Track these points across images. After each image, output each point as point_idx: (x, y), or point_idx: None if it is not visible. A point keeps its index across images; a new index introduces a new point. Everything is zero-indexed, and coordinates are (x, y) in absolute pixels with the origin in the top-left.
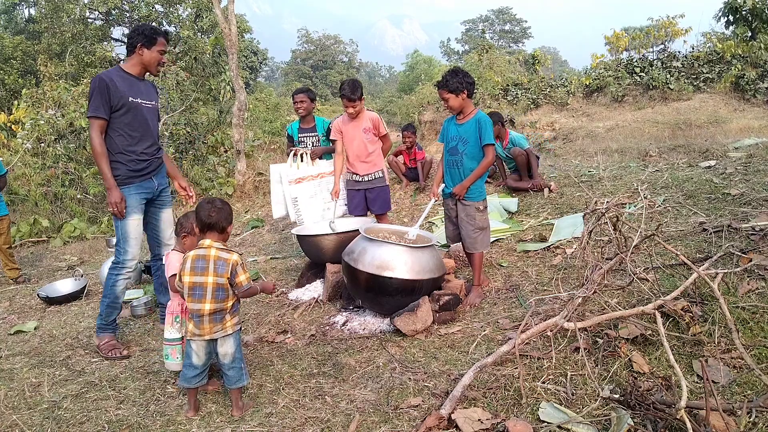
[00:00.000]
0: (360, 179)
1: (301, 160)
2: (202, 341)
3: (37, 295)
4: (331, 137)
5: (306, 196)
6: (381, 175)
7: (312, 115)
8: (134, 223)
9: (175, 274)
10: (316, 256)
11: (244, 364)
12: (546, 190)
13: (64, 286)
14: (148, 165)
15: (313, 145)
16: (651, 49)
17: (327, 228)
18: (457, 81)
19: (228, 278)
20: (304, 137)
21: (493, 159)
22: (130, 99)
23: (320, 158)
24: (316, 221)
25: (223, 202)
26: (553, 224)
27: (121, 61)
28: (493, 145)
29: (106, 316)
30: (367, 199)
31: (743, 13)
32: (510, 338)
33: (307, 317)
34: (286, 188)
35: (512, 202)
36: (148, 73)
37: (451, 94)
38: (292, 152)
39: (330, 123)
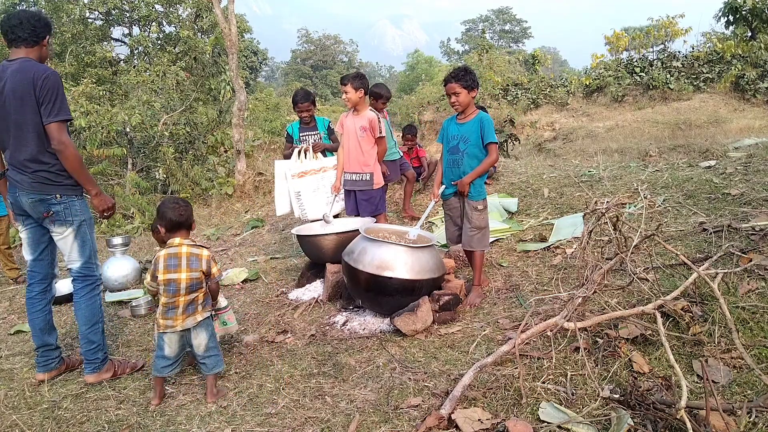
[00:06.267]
0: (348, 177)
1: (305, 156)
2: (174, 333)
3: None
4: (335, 128)
5: (309, 190)
6: (368, 178)
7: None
8: None
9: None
10: (316, 256)
11: (220, 351)
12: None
13: (64, 286)
14: None
15: (314, 141)
16: (651, 49)
17: (325, 226)
18: (471, 78)
19: (203, 271)
20: (305, 136)
21: (497, 157)
22: None
23: (322, 154)
24: (318, 216)
25: (184, 200)
26: (553, 224)
27: (20, 55)
28: (497, 143)
29: (103, 342)
30: (356, 200)
31: (743, 13)
32: (510, 338)
33: (307, 317)
34: (290, 182)
35: (512, 202)
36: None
37: (464, 89)
38: (296, 150)
39: (330, 121)
